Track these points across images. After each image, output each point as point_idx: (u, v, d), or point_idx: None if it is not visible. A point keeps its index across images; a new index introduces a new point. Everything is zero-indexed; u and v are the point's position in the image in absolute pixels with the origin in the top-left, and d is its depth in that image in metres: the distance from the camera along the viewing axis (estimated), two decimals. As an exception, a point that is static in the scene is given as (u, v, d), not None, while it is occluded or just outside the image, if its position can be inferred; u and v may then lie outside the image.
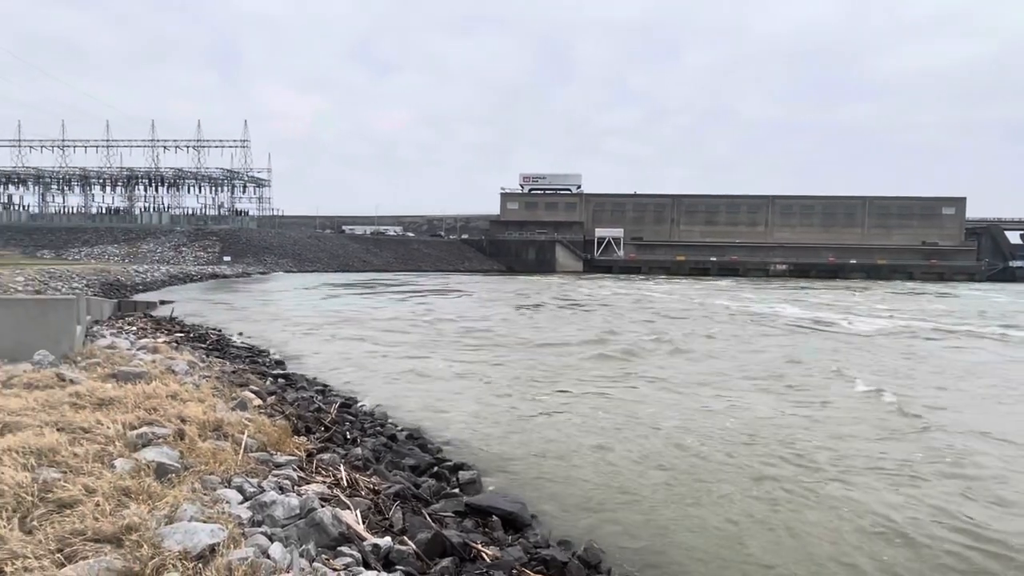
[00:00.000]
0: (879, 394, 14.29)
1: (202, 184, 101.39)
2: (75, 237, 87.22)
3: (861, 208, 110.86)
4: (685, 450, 10.20)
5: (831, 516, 7.68)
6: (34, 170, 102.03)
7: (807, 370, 17.59)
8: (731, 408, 12.94)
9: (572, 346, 21.82)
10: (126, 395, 8.01)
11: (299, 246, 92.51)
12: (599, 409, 12.86)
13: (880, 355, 20.66)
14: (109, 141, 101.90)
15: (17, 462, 5.19)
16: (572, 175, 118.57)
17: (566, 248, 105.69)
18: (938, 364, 19.06)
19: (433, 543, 5.57)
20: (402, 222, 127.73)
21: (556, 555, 6.14)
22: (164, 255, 79.34)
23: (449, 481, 8.37)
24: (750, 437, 10.86)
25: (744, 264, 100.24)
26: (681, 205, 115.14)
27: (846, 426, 11.68)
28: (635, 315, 33.75)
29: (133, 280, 48.30)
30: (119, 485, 4.98)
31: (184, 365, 11.91)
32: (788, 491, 8.44)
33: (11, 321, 10.67)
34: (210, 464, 6.07)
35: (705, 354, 20.34)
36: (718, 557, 6.73)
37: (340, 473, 7.04)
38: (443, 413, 12.47)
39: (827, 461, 9.66)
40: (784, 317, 33.57)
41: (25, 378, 8.73)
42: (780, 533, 7.23)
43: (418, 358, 18.99)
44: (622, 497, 8.30)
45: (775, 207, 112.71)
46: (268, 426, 8.02)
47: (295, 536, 5.01)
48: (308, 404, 11.24)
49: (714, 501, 8.13)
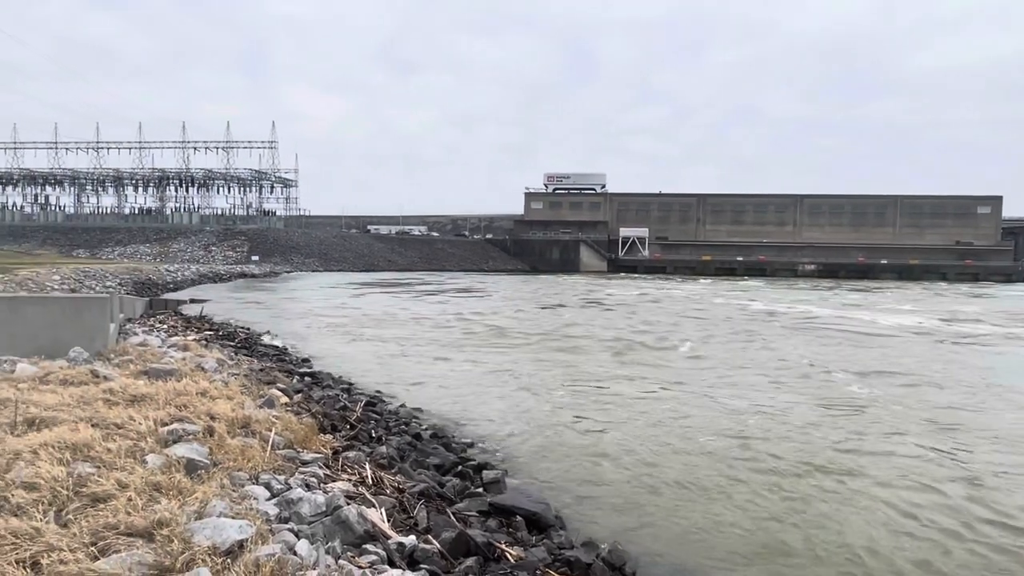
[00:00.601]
0: (901, 399, 13.99)
1: (231, 184, 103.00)
2: (109, 237, 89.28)
3: (892, 207, 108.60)
4: (710, 451, 10.08)
5: (865, 517, 7.53)
6: (70, 171, 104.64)
7: (829, 372, 17.28)
8: (757, 409, 12.77)
9: (595, 345, 21.73)
10: (157, 392, 8.17)
11: (325, 246, 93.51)
12: (623, 409, 12.78)
13: (918, 358, 20.22)
14: (142, 143, 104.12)
15: (53, 457, 5.33)
16: (596, 175, 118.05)
17: (590, 248, 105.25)
18: (966, 366, 18.60)
19: (457, 542, 5.58)
20: (426, 222, 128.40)
21: (580, 556, 6.11)
22: (194, 254, 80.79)
23: (473, 480, 8.38)
24: (775, 437, 10.70)
25: (772, 264, 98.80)
26: (707, 204, 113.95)
27: (874, 429, 11.46)
28: (659, 316, 33.49)
29: (164, 279, 49.27)
30: (150, 480, 5.08)
31: (213, 363, 12.11)
32: (815, 491, 8.30)
33: (48, 319, 10.95)
34: (238, 461, 6.16)
35: (731, 355, 20.10)
36: (747, 561, 6.64)
37: (365, 471, 7.09)
38: (467, 412, 12.51)
39: (854, 464, 9.48)
40: (819, 318, 33.05)
41: (61, 374, 8.96)
42: (806, 534, 7.10)
43: (442, 357, 19.07)
44: (647, 498, 8.24)
45: (803, 206, 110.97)
46: (295, 424, 8.12)
47: (321, 533, 5.06)
48: (334, 402, 11.35)
49: (741, 503, 8.02)
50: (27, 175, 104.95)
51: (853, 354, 20.70)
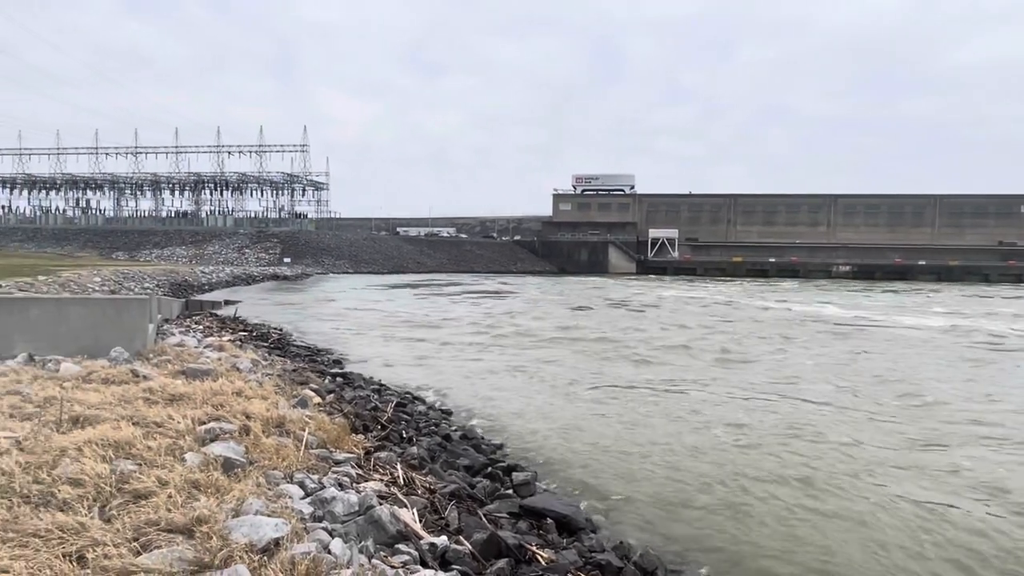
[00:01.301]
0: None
1: (264, 188, 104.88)
2: (146, 239, 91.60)
3: (931, 207, 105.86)
4: (744, 454, 9.94)
5: (911, 530, 7.35)
6: (110, 176, 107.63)
7: (868, 377, 16.89)
8: (793, 412, 12.56)
9: (626, 347, 21.59)
10: (195, 391, 8.34)
11: (355, 248, 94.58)
12: (655, 412, 12.67)
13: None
14: (178, 147, 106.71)
15: (97, 454, 5.48)
16: (625, 175, 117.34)
17: (619, 249, 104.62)
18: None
19: (489, 544, 5.60)
20: (455, 223, 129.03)
21: (612, 560, 6.08)
22: (228, 256, 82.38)
23: (503, 482, 8.38)
24: (815, 441, 10.51)
25: (805, 265, 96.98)
26: (738, 205, 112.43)
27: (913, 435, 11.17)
28: (690, 318, 33.14)
29: (199, 281, 50.31)
30: (189, 478, 5.19)
31: (248, 363, 12.32)
32: (845, 493, 8.12)
33: (90, 319, 11.27)
34: (273, 460, 6.26)
35: (766, 358, 19.79)
36: (782, 569, 6.53)
37: (397, 471, 7.15)
38: (497, 413, 12.53)
39: (896, 472, 9.26)
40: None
41: (103, 373, 9.21)
42: (844, 541, 6.96)
43: (470, 357, 19.14)
44: (678, 503, 8.16)
45: (838, 206, 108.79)
46: (327, 424, 8.22)
47: (354, 532, 5.11)
48: (365, 402, 11.47)
49: (778, 515, 7.89)
50: (69, 180, 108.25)
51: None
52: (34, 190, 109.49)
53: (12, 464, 5.08)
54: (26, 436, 5.94)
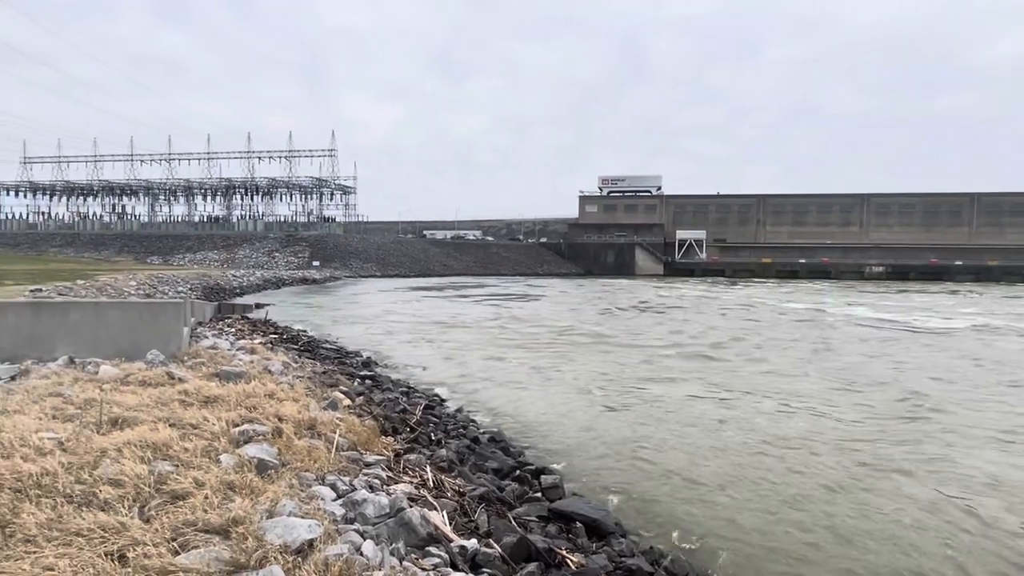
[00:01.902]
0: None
1: (293, 192, 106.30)
2: (180, 244, 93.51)
3: (968, 205, 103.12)
4: (774, 458, 9.79)
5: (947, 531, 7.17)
6: (145, 182, 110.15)
7: (888, 382, 16.52)
8: (824, 417, 12.34)
9: (654, 350, 21.42)
10: (228, 394, 8.49)
11: (383, 251, 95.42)
12: (681, 416, 12.55)
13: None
14: (210, 154, 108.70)
15: (135, 455, 5.61)
16: (652, 176, 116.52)
17: (646, 251, 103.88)
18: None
19: (519, 547, 5.60)
20: (481, 226, 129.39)
21: (641, 565, 6.04)
22: (259, 260, 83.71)
23: (532, 485, 8.38)
24: (848, 447, 10.31)
25: (836, 266, 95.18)
26: (767, 205, 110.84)
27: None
28: (720, 320, 32.76)
29: (231, 284, 51.20)
30: (225, 479, 5.28)
31: (279, 365, 12.50)
32: (883, 502, 7.95)
33: (128, 323, 11.55)
34: (305, 462, 6.34)
35: (792, 359, 19.47)
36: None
37: (426, 474, 7.19)
38: (524, 415, 12.53)
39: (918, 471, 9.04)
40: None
41: (140, 376, 9.43)
42: (866, 544, 6.81)
43: (498, 360, 19.17)
44: (707, 508, 8.06)
45: (870, 206, 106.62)
46: (357, 426, 8.31)
47: (385, 535, 5.15)
48: (394, 405, 11.56)
49: (811, 519, 7.75)
50: (106, 186, 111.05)
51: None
52: (72, 197, 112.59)
53: (56, 464, 5.22)
54: (68, 437, 6.11)
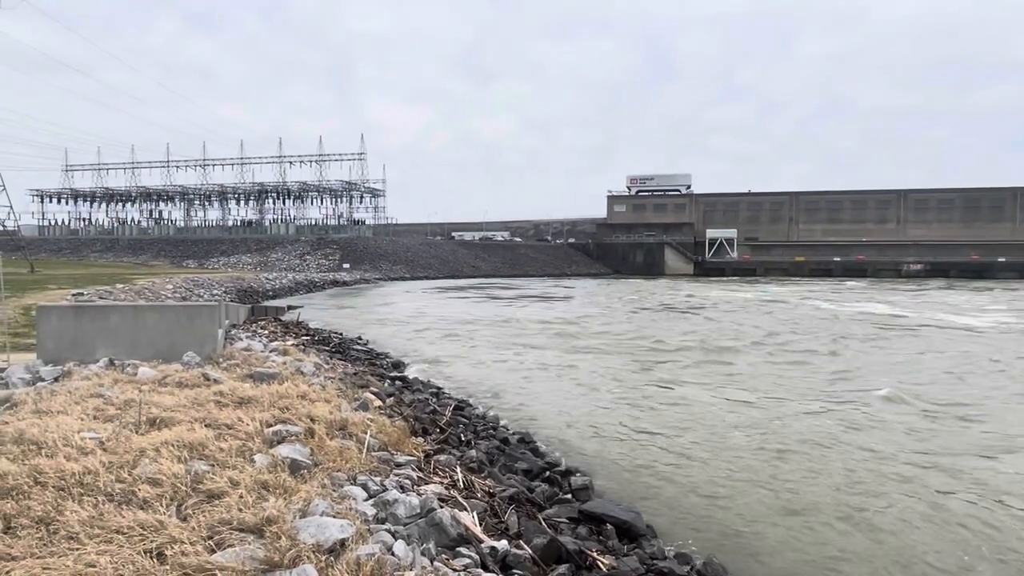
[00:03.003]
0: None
1: (323, 196, 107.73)
2: (214, 248, 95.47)
3: (1011, 200, 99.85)
4: (812, 465, 9.60)
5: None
6: (180, 188, 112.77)
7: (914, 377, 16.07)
8: (857, 419, 12.06)
9: (684, 353, 21.19)
10: (262, 395, 8.62)
11: (411, 253, 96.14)
12: (716, 419, 12.40)
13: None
14: (243, 159, 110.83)
15: (173, 455, 5.73)
16: (681, 175, 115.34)
17: (675, 250, 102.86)
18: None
19: (549, 549, 5.57)
20: (509, 227, 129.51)
21: (674, 568, 5.97)
22: (290, 263, 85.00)
23: (561, 486, 8.35)
24: (874, 448, 10.07)
25: (873, 264, 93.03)
26: (800, 203, 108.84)
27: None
28: (746, 319, 32.27)
29: (264, 287, 52.07)
30: (259, 479, 5.37)
31: (311, 367, 12.66)
32: (924, 506, 7.74)
33: (165, 326, 11.80)
34: (337, 462, 6.41)
35: (837, 362, 19.09)
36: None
37: (456, 475, 7.21)
38: (554, 417, 12.50)
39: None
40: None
41: (176, 377, 9.63)
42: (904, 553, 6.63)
43: (527, 361, 19.15)
44: (739, 510, 7.94)
45: (907, 202, 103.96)
46: (388, 427, 8.36)
47: (416, 535, 5.17)
48: (424, 406, 11.62)
49: (845, 523, 7.58)
50: (143, 192, 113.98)
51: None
52: (111, 203, 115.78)
53: (97, 464, 5.36)
54: (108, 437, 6.27)
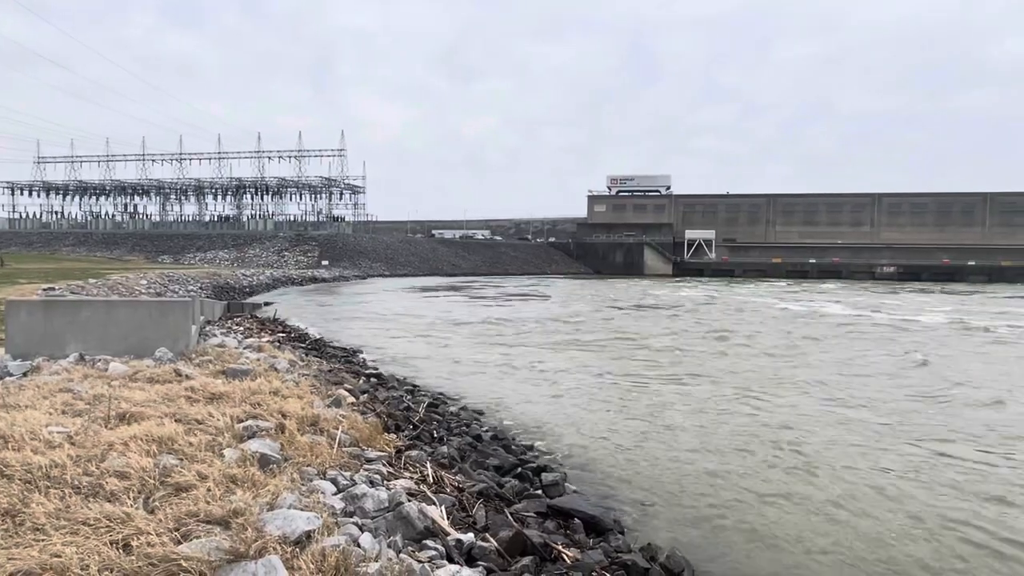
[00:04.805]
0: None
1: (302, 192, 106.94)
2: (190, 243, 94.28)
3: (981, 205, 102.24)
4: (777, 456, 9.84)
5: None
6: (156, 182, 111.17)
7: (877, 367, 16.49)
8: (824, 412, 12.37)
9: (657, 350, 21.46)
10: (234, 390, 8.65)
11: (391, 250, 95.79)
12: (683, 415, 12.60)
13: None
14: (220, 153, 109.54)
15: (142, 448, 5.76)
16: (661, 176, 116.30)
17: (655, 250, 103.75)
18: None
19: (514, 541, 5.68)
20: (489, 226, 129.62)
21: (637, 561, 6.11)
22: (268, 259, 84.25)
23: (532, 482, 8.46)
24: (832, 442, 10.35)
25: (847, 266, 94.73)
26: (777, 205, 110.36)
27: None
28: (719, 319, 32.72)
29: (240, 283, 51.58)
30: (227, 473, 5.42)
31: (285, 363, 12.65)
32: (891, 504, 7.99)
33: (137, 321, 11.73)
34: (307, 457, 6.47)
35: (796, 358, 19.48)
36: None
37: (427, 470, 7.30)
38: (527, 414, 12.62)
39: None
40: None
41: (148, 372, 9.60)
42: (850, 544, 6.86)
43: (504, 359, 19.26)
44: (707, 506, 8.12)
45: (882, 205, 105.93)
46: (360, 423, 8.43)
47: (383, 528, 5.26)
48: (398, 403, 11.68)
49: (807, 520, 7.80)
50: (118, 186, 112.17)
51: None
52: (85, 196, 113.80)
53: (64, 457, 5.37)
54: (77, 431, 6.27)
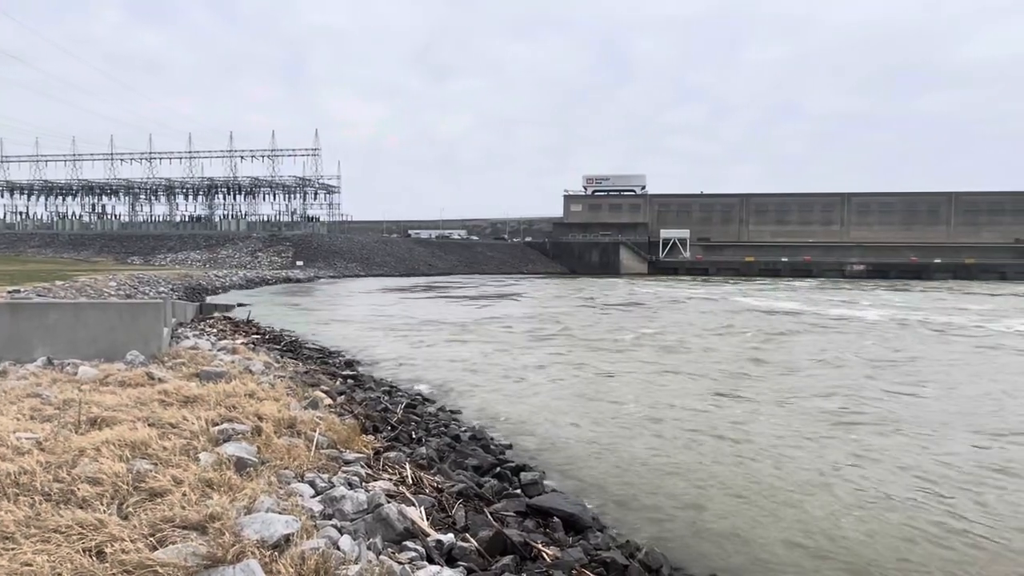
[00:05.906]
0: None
1: (276, 191, 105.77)
2: (161, 244, 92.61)
3: (946, 204, 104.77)
4: (748, 453, 9.99)
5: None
6: (125, 181, 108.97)
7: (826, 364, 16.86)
8: (796, 410, 12.58)
9: (631, 347, 21.63)
10: (208, 393, 8.52)
11: (367, 250, 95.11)
12: (665, 412, 12.73)
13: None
14: (191, 152, 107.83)
15: (114, 454, 5.65)
16: (636, 176, 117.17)
17: (630, 250, 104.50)
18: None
19: (494, 541, 5.70)
20: (466, 225, 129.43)
21: (616, 558, 6.16)
22: (241, 260, 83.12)
23: (511, 482, 8.48)
24: (820, 440, 10.55)
25: (818, 265, 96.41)
26: (750, 204, 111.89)
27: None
28: (690, 316, 33.10)
29: (213, 284, 50.83)
30: (203, 477, 5.35)
31: (260, 365, 12.51)
32: (864, 497, 8.16)
33: (107, 324, 11.50)
34: (285, 459, 6.41)
35: (778, 356, 19.79)
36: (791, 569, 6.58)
37: (406, 471, 7.28)
38: (506, 414, 12.64)
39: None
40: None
41: (119, 376, 9.42)
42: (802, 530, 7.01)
43: (482, 359, 19.26)
44: (686, 501, 8.22)
45: (851, 205, 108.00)
46: (338, 425, 8.37)
47: (363, 530, 5.24)
48: (376, 404, 11.62)
49: (787, 507, 7.94)
50: (85, 186, 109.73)
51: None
52: (51, 196, 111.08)
53: (33, 463, 5.25)
54: (46, 437, 6.13)
